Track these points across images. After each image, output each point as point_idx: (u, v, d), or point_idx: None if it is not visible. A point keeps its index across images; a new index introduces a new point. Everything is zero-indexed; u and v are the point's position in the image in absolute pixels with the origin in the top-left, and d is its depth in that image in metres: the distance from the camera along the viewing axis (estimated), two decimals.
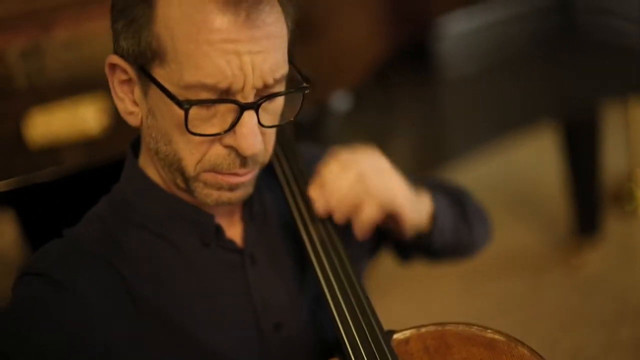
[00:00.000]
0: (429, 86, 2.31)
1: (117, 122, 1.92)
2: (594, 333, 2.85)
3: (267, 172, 1.23)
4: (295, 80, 1.09)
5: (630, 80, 2.84)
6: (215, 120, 1.02)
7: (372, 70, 2.09)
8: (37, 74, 2.32)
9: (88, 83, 2.18)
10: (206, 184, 1.07)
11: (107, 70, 1.07)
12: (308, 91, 1.09)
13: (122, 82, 1.07)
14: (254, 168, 1.09)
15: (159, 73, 1.00)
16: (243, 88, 0.99)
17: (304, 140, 1.43)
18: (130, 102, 1.08)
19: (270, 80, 1.01)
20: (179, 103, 0.98)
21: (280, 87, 1.06)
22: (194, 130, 1.00)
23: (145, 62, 1.01)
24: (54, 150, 1.85)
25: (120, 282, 1.08)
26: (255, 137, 1.02)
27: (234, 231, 1.19)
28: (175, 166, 1.06)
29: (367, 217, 1.20)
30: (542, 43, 2.60)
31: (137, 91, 1.06)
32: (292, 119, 1.12)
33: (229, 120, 1.02)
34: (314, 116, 1.89)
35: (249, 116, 1.01)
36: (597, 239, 3.30)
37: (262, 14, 0.99)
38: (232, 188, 1.09)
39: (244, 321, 1.15)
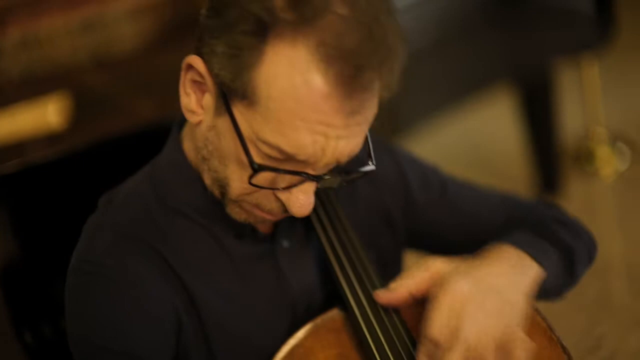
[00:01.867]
0: None
1: (78, 117, 1.92)
2: None
3: None
4: None
5: (579, 38, 2.88)
6: (278, 179, 1.02)
7: None
8: None
9: (48, 81, 2.18)
10: (242, 208, 1.07)
11: (183, 65, 1.03)
12: (372, 170, 1.07)
13: (194, 82, 1.04)
14: (286, 216, 1.09)
15: (241, 111, 0.97)
16: (316, 164, 0.98)
17: None
18: (195, 102, 1.04)
19: (344, 160, 1.00)
20: (252, 164, 0.96)
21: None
22: (254, 182, 0.99)
23: (231, 95, 0.98)
24: (17, 149, 1.85)
25: (167, 267, 1.11)
26: (309, 201, 1.02)
27: (268, 225, 1.20)
28: (219, 184, 1.05)
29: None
30: (488, 8, 2.62)
31: (209, 99, 1.02)
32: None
33: (291, 181, 1.01)
34: None
35: (311, 185, 1.01)
36: (561, 199, 3.32)
37: (364, 109, 0.97)
38: (264, 221, 1.10)
39: (281, 305, 1.18)
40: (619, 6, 2.98)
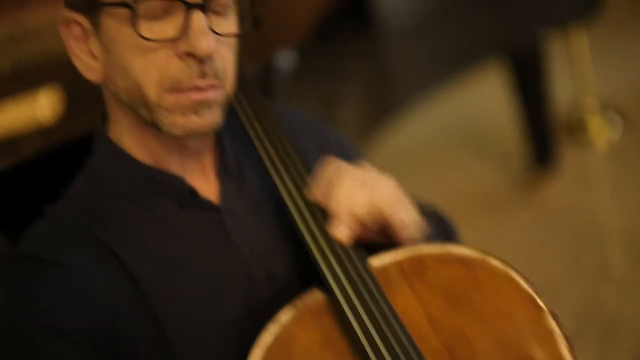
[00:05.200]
0: (372, 39, 2.34)
1: (71, 110, 1.93)
2: (561, 262, 2.92)
3: (238, 131, 1.23)
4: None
5: (567, 9, 2.88)
6: (167, 28, 1.02)
7: (314, 28, 2.10)
8: None
9: (38, 74, 2.18)
10: (170, 111, 1.05)
11: (62, 30, 1.07)
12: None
13: (78, 38, 1.07)
14: (215, 82, 1.07)
15: None
16: None
17: None
18: (88, 56, 1.07)
19: None
20: (126, 3, 0.99)
21: (230, 10, 1.08)
22: (145, 35, 1.00)
23: None
24: (11, 143, 1.85)
25: (108, 253, 1.09)
26: (208, 35, 1.02)
27: (210, 189, 1.18)
28: (137, 97, 1.05)
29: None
30: None
31: (93, 40, 1.06)
32: (247, 31, 1.11)
33: (179, 25, 1.02)
34: (260, 77, 1.89)
35: (198, 16, 1.01)
36: (555, 171, 3.35)
37: None
38: (196, 109, 1.07)
39: (235, 273, 1.15)
40: None
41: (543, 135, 3.29)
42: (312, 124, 1.41)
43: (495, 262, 1.09)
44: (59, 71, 2.17)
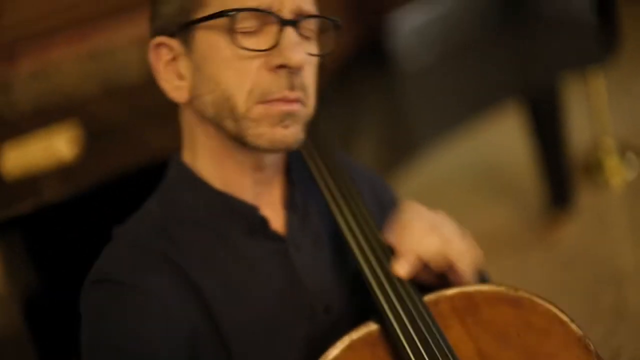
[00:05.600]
0: (389, 81, 2.35)
1: (90, 147, 1.94)
2: (578, 303, 2.89)
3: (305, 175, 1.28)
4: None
5: (584, 52, 2.89)
6: (260, 42, 1.09)
7: (334, 70, 2.11)
8: (6, 107, 2.33)
9: (59, 112, 2.20)
10: (258, 122, 1.11)
11: (151, 56, 1.17)
12: (340, 25, 1.18)
13: (167, 62, 1.16)
14: (301, 96, 1.13)
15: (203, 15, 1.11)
16: (282, 9, 1.10)
17: None
18: (176, 78, 1.16)
19: (304, 6, 1.13)
20: (225, 12, 1.08)
21: (314, 36, 1.17)
22: (242, 45, 1.08)
23: (188, 16, 1.12)
24: (31, 181, 1.87)
25: (181, 276, 1.12)
26: (299, 48, 1.10)
27: (277, 220, 1.22)
28: (225, 109, 1.11)
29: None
30: (493, 24, 2.64)
31: (182, 61, 1.15)
32: (329, 52, 1.19)
33: (273, 39, 1.09)
34: None
35: (290, 31, 1.10)
36: (572, 211, 3.34)
37: None
38: (283, 120, 1.12)
39: (297, 305, 1.18)
40: (622, 19, 3.00)
41: (560, 176, 3.28)
42: (371, 175, 1.45)
43: (544, 303, 1.11)
44: (78, 108, 2.19)
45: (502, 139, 3.91)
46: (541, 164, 3.28)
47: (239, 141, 1.13)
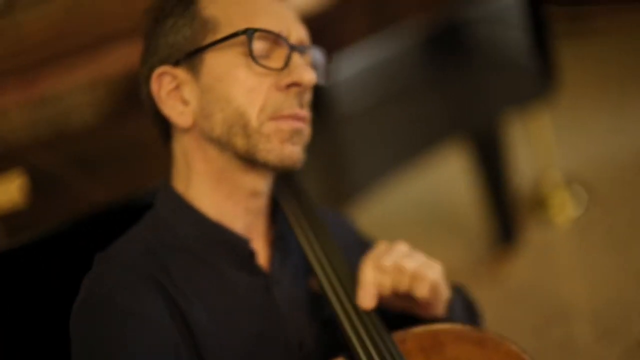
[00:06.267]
0: (324, 124, 2.34)
1: (38, 195, 1.93)
2: (527, 338, 2.90)
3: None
4: None
5: (523, 89, 2.96)
6: (272, 63, 1.18)
7: None
8: None
9: (2, 159, 2.18)
10: (269, 138, 1.17)
11: (154, 86, 1.22)
12: (329, 60, 1.32)
13: (171, 90, 1.21)
14: (308, 115, 1.23)
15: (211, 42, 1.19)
16: (289, 36, 1.19)
17: None
18: (180, 104, 1.21)
19: (305, 38, 1.24)
20: (243, 32, 1.15)
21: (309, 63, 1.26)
22: (257, 60, 1.16)
23: (197, 44, 1.19)
24: None
25: (170, 300, 1.14)
26: (309, 68, 1.19)
27: (262, 255, 1.26)
28: (237, 125, 1.17)
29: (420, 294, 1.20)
30: (432, 66, 2.68)
31: (187, 87, 1.20)
32: (324, 80, 1.30)
33: (283, 61, 1.18)
34: None
35: (298, 56, 1.20)
36: (520, 247, 3.38)
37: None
38: (292, 137, 1.18)
39: (274, 340, 1.21)
40: (560, 54, 3.07)
41: (505, 212, 3.32)
42: (336, 216, 1.51)
43: (509, 346, 1.15)
44: (23, 157, 2.18)
45: (449, 177, 3.96)
46: (486, 201, 3.31)
47: (248, 158, 1.19)
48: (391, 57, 2.49)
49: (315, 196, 2.32)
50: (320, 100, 2.34)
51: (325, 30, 2.63)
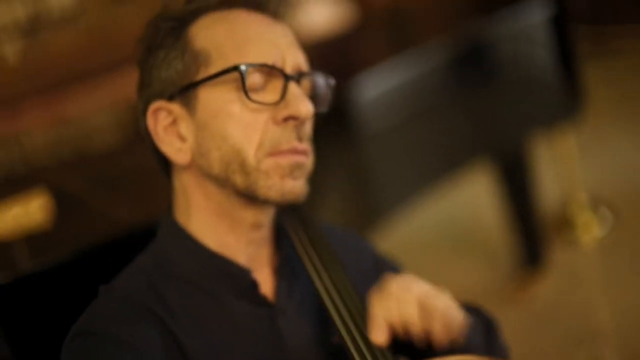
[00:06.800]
0: (353, 144, 2.35)
1: (60, 215, 1.93)
2: None
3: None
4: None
5: (550, 111, 2.93)
6: (267, 96, 1.14)
7: None
8: None
9: (26, 179, 2.18)
10: (268, 174, 1.13)
11: (150, 121, 1.18)
12: (334, 83, 1.24)
13: (167, 126, 1.17)
14: (308, 148, 1.18)
15: (205, 77, 1.14)
16: (284, 66, 1.15)
17: None
18: (177, 140, 1.17)
19: (302, 65, 1.19)
20: (234, 68, 1.11)
21: (309, 91, 1.21)
22: (251, 97, 1.12)
23: (189, 78, 1.15)
24: (2, 250, 1.85)
25: (169, 333, 1.12)
26: (306, 99, 1.14)
27: (266, 284, 1.23)
28: (235, 163, 1.13)
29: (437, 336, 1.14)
30: (459, 87, 2.67)
31: (183, 122, 1.16)
32: (324, 110, 1.24)
33: (278, 94, 1.14)
34: None
35: (294, 86, 1.15)
36: (546, 269, 3.35)
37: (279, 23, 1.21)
38: (292, 171, 1.14)
39: None
40: (585, 75, 3.04)
41: (531, 233, 3.30)
42: (352, 241, 1.45)
43: None
44: (47, 177, 2.18)
45: (475, 199, 3.93)
46: (512, 222, 3.29)
47: (248, 195, 1.15)
48: (417, 77, 2.48)
49: (339, 217, 2.32)
50: (345, 121, 2.35)
51: (349, 51, 2.63)
